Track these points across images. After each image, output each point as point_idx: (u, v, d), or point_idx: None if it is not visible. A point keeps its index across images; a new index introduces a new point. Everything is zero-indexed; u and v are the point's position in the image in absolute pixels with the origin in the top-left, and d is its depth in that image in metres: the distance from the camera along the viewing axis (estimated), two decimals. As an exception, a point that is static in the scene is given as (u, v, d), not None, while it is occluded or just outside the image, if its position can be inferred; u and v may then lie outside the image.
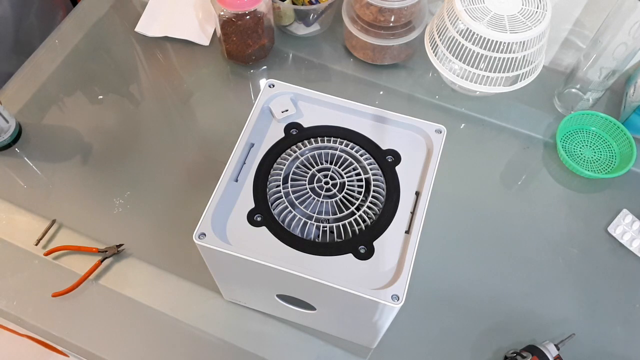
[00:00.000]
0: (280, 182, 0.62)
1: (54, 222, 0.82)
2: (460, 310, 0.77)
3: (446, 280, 0.79)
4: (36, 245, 0.80)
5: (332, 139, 0.66)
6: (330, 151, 0.65)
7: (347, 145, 0.65)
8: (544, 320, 0.77)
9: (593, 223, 0.85)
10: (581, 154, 0.91)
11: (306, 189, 0.62)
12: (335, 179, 0.63)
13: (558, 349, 0.71)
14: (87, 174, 0.88)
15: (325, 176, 0.63)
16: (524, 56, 0.83)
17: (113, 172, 0.89)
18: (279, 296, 0.67)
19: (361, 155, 0.64)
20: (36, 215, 0.84)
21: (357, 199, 0.61)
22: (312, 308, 0.66)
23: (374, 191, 0.62)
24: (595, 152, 0.91)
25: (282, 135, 0.66)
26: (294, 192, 0.61)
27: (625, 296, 0.79)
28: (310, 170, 0.64)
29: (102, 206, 0.85)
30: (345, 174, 0.63)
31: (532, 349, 0.71)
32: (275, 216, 0.60)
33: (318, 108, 0.69)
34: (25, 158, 0.90)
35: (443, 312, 0.77)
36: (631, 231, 0.83)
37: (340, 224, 0.59)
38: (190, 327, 0.75)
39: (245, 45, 0.94)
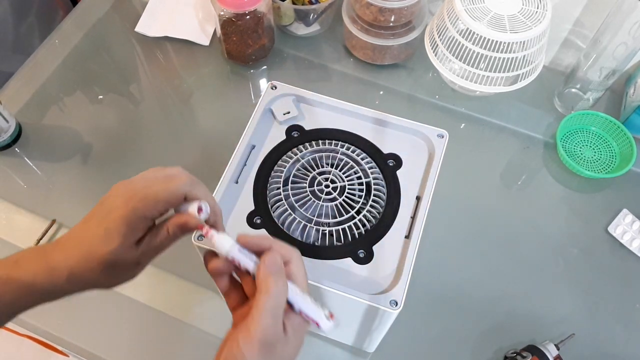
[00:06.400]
0: (281, 185, 0.62)
1: (54, 222, 0.82)
2: (460, 310, 0.77)
3: (446, 281, 0.79)
4: (36, 245, 0.80)
5: (333, 142, 0.66)
6: (331, 154, 0.65)
7: (348, 149, 0.65)
8: (544, 320, 0.77)
9: (593, 223, 0.85)
10: (581, 154, 0.91)
11: (306, 191, 0.62)
12: (335, 182, 0.63)
13: (558, 349, 0.71)
14: (87, 174, 0.88)
15: (326, 179, 0.63)
16: (524, 56, 0.83)
17: (113, 172, 0.89)
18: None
19: (362, 159, 0.64)
20: (36, 215, 0.83)
21: (357, 203, 0.61)
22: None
23: (374, 195, 0.61)
24: (595, 152, 0.91)
25: (284, 137, 0.66)
26: (294, 195, 0.61)
27: (625, 296, 0.79)
28: (311, 173, 0.63)
29: (102, 207, 0.85)
30: (346, 177, 0.63)
31: (532, 349, 0.71)
32: (275, 219, 0.60)
33: (320, 110, 0.69)
34: (25, 158, 0.90)
35: (443, 313, 0.77)
36: (631, 231, 0.83)
37: (340, 227, 0.59)
38: (190, 327, 0.75)
39: (245, 45, 0.94)
